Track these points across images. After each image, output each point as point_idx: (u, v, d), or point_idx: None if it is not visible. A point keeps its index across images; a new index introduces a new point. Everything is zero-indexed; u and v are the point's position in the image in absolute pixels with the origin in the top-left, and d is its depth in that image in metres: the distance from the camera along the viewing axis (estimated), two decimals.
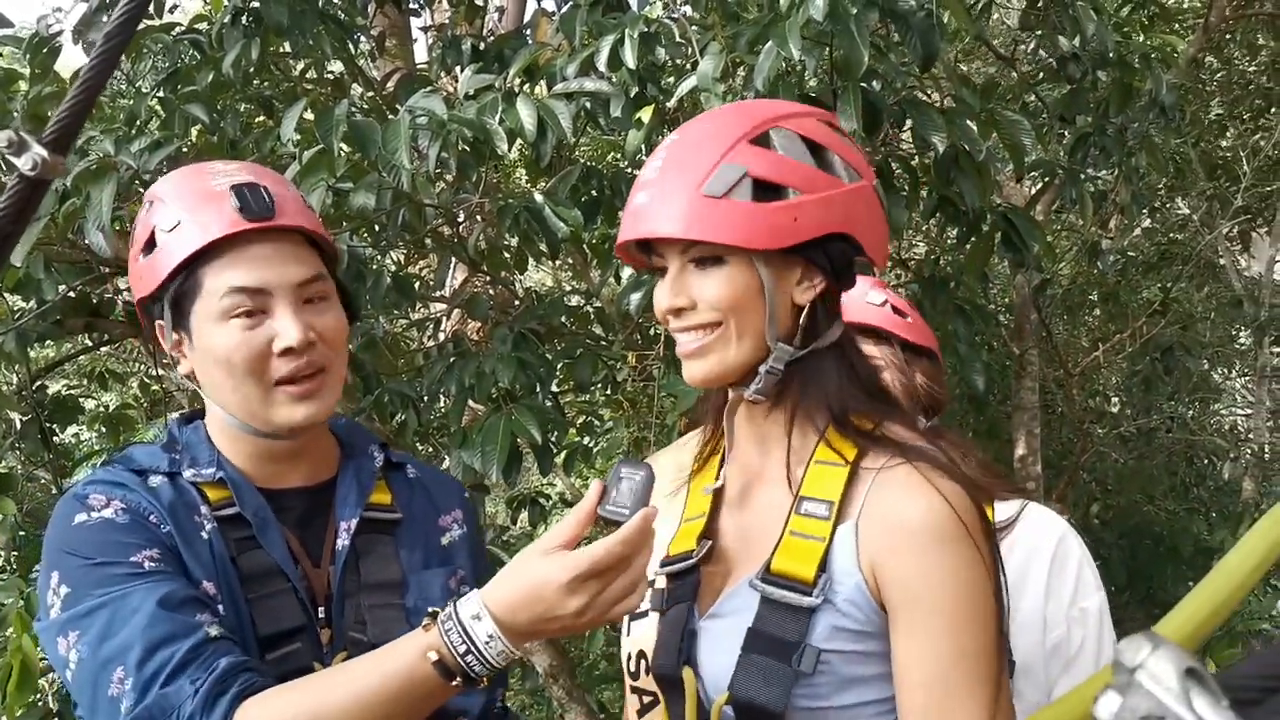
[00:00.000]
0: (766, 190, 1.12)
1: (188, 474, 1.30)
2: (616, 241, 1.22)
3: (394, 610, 1.32)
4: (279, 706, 1.12)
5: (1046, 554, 1.55)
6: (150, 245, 1.28)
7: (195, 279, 1.26)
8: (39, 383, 3.41)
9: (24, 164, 0.71)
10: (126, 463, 1.31)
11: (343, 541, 1.33)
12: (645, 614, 1.23)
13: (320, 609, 1.30)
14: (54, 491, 3.46)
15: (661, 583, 1.23)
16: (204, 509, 1.28)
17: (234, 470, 1.32)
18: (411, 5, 3.97)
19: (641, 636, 1.23)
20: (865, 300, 1.63)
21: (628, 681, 1.24)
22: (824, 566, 1.11)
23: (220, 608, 1.22)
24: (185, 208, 1.26)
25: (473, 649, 1.08)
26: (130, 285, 1.35)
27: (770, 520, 1.18)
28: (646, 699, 1.22)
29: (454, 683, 1.09)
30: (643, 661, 1.22)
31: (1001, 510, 1.51)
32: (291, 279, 1.28)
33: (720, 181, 1.12)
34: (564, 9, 3.06)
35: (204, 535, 1.26)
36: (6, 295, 3.04)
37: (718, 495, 1.26)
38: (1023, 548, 1.56)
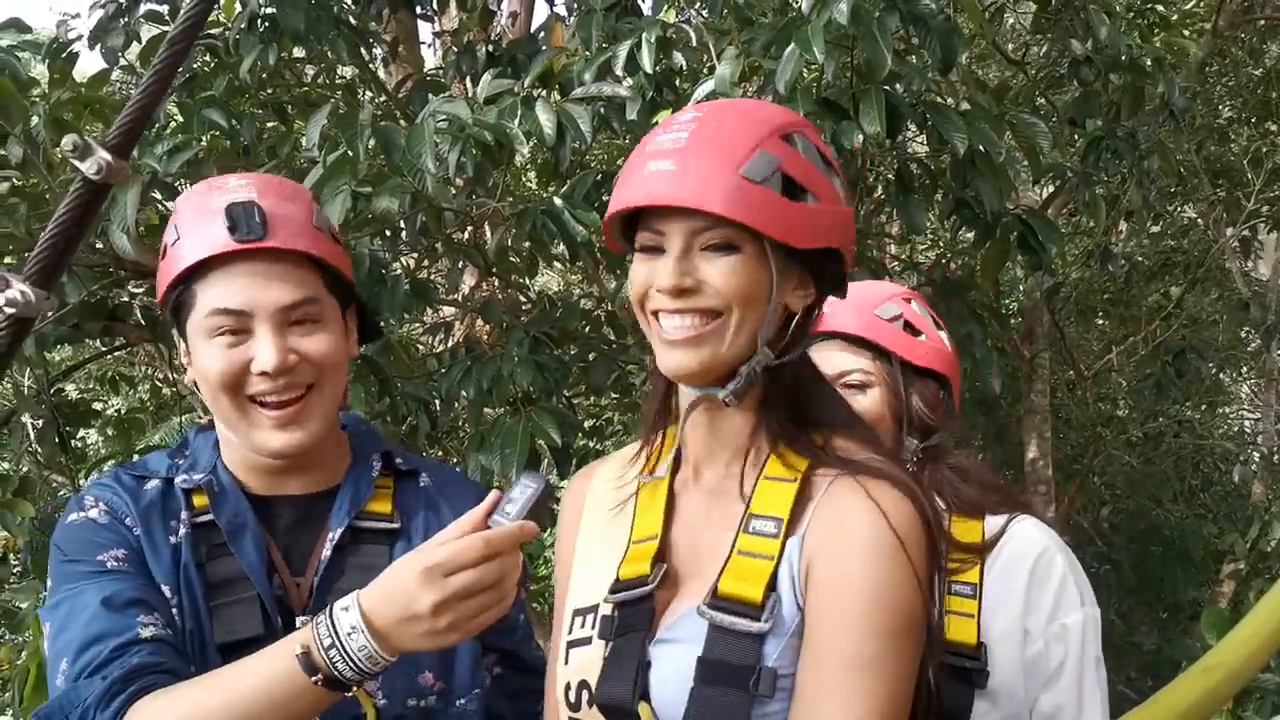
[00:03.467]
0: (793, 189, 1.09)
1: (180, 479, 1.31)
2: (614, 207, 1.14)
3: None
4: (165, 704, 1.11)
5: (1026, 566, 1.49)
6: (165, 253, 1.31)
7: (190, 294, 1.27)
8: (55, 386, 3.41)
9: (88, 168, 0.72)
10: (134, 468, 1.35)
11: (326, 552, 1.31)
12: (587, 640, 1.16)
13: (298, 619, 1.27)
14: (70, 495, 3.47)
15: (607, 609, 1.15)
16: (184, 515, 1.29)
17: (229, 476, 1.33)
18: (423, 10, 3.98)
19: (583, 665, 1.15)
20: (874, 313, 1.58)
21: (564, 713, 1.16)
22: (773, 585, 1.06)
23: (175, 612, 1.24)
24: (185, 223, 1.28)
25: (336, 643, 1.06)
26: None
27: (719, 538, 1.12)
28: None
29: (316, 680, 1.06)
30: (585, 691, 1.14)
31: (994, 524, 1.49)
32: (276, 301, 1.26)
33: (758, 168, 1.08)
34: (578, 14, 3.07)
35: (173, 540, 1.28)
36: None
37: (668, 512, 1.19)
38: (1004, 558, 1.51)
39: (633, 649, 1.10)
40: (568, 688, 1.15)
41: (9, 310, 0.72)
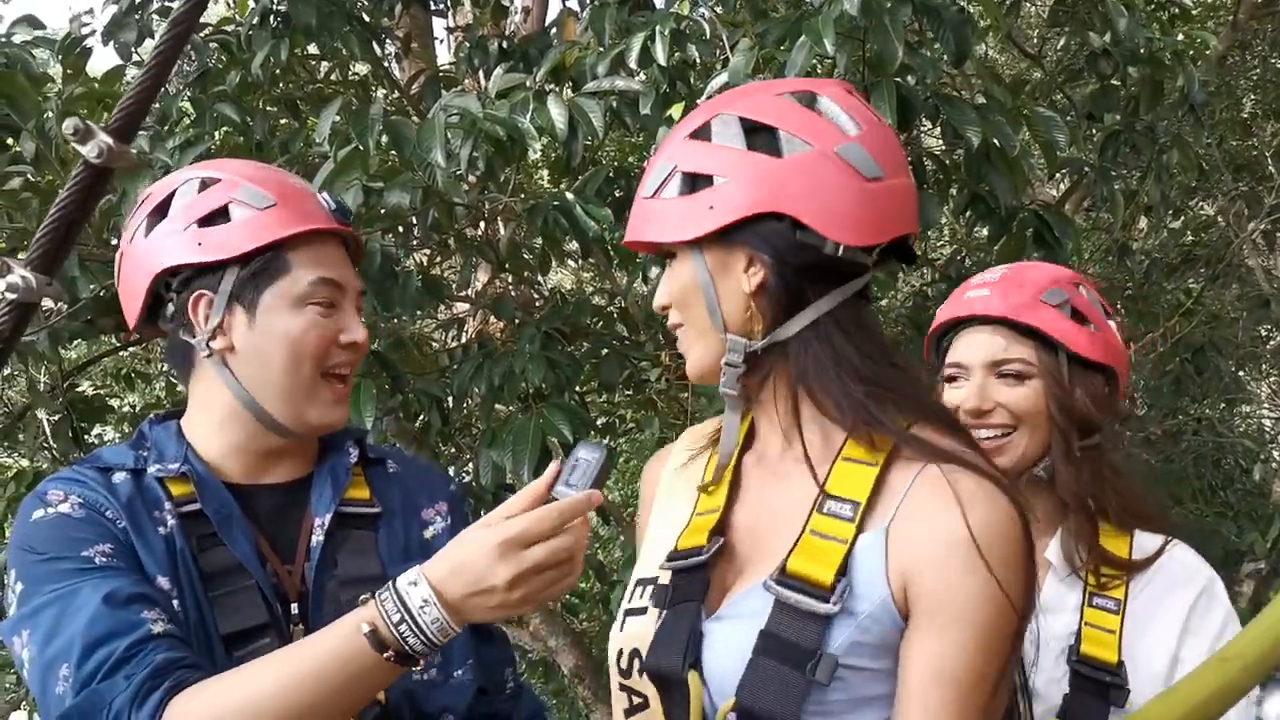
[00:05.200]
0: (696, 182, 1.10)
1: (152, 469, 1.29)
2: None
3: None
4: (211, 696, 1.09)
5: (1191, 593, 1.44)
6: (220, 216, 1.29)
7: (281, 260, 1.29)
8: (69, 382, 3.43)
9: (89, 152, 0.71)
10: (93, 461, 1.30)
11: (317, 538, 1.32)
12: (643, 610, 1.16)
13: (294, 606, 1.28)
14: None
15: (665, 578, 1.16)
16: (166, 505, 1.26)
17: (202, 466, 1.31)
18: (436, 6, 3.98)
19: (636, 633, 1.15)
20: (1040, 297, 1.49)
21: (615, 679, 1.16)
22: (844, 571, 1.04)
23: (175, 603, 1.21)
24: (277, 193, 1.31)
25: (406, 618, 1.05)
26: (139, 258, 1.32)
27: (789, 517, 1.11)
28: (637, 699, 1.14)
29: (387, 656, 1.05)
30: (635, 660, 1.14)
31: (1148, 542, 1.45)
32: (356, 284, 1.37)
33: (652, 181, 1.14)
34: (591, 7, 3.06)
35: (162, 530, 1.25)
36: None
37: (733, 488, 1.19)
38: (1162, 580, 1.45)
39: (685, 618, 1.10)
40: (620, 654, 1.16)
41: (10, 296, 0.71)
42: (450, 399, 3.16)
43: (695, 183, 1.10)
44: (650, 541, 1.24)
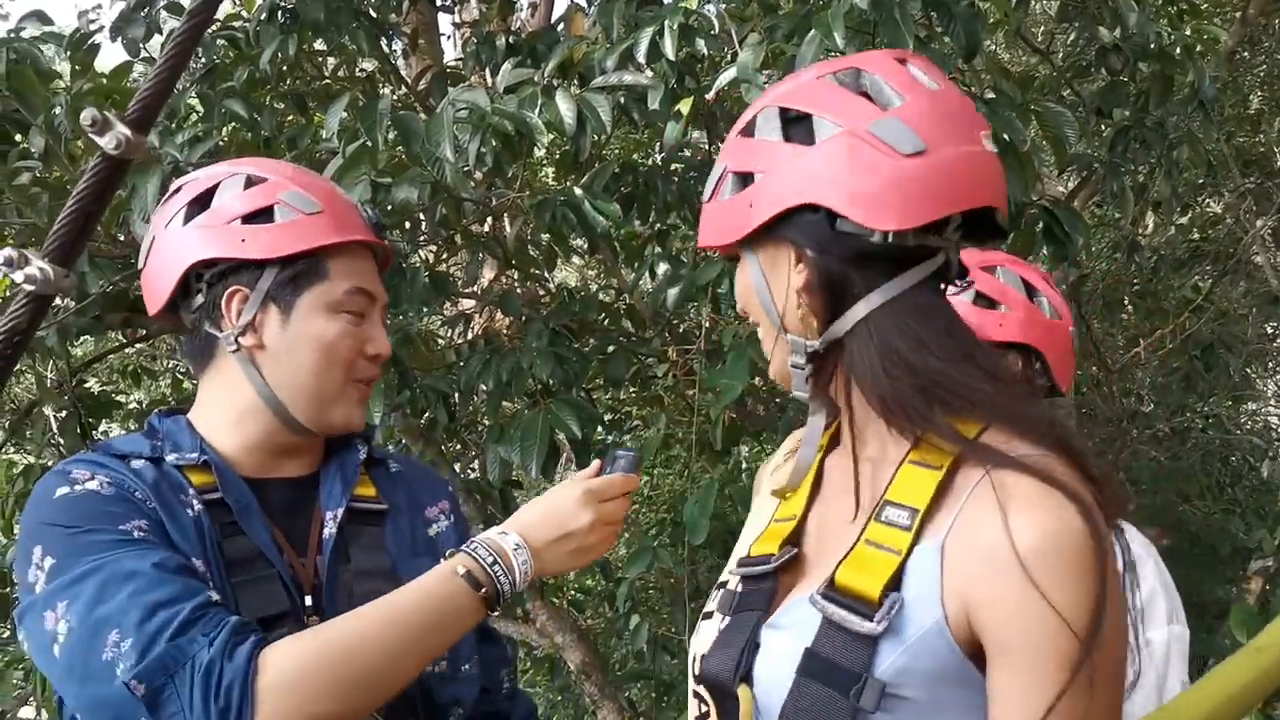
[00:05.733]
0: (745, 181, 1.07)
1: (171, 458, 1.29)
2: None
3: None
4: (304, 644, 1.10)
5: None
6: (264, 216, 1.30)
7: (321, 266, 1.32)
8: (77, 378, 3.43)
9: (107, 143, 0.70)
10: (108, 449, 1.29)
11: (329, 530, 1.34)
12: (711, 615, 1.14)
13: (308, 598, 1.29)
14: None
15: (733, 584, 1.12)
16: (190, 490, 1.27)
17: (217, 458, 1.32)
18: (443, 2, 3.98)
19: (704, 638, 1.13)
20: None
21: (690, 684, 1.14)
22: (895, 585, 0.94)
23: (210, 585, 1.19)
24: (324, 200, 1.34)
25: (498, 560, 1.19)
26: (176, 246, 1.31)
27: (852, 525, 1.04)
28: (704, 707, 1.11)
29: (482, 593, 1.17)
30: (699, 664, 1.12)
31: None
32: (384, 296, 1.41)
33: (710, 184, 1.12)
34: (599, 2, 3.05)
35: (191, 513, 1.24)
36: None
37: (814, 492, 1.13)
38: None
39: (743, 628, 1.05)
40: (693, 659, 1.14)
41: (28, 287, 0.70)
42: (457, 395, 3.16)
43: (744, 182, 1.07)
44: (739, 544, 1.21)
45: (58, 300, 3.08)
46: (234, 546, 1.26)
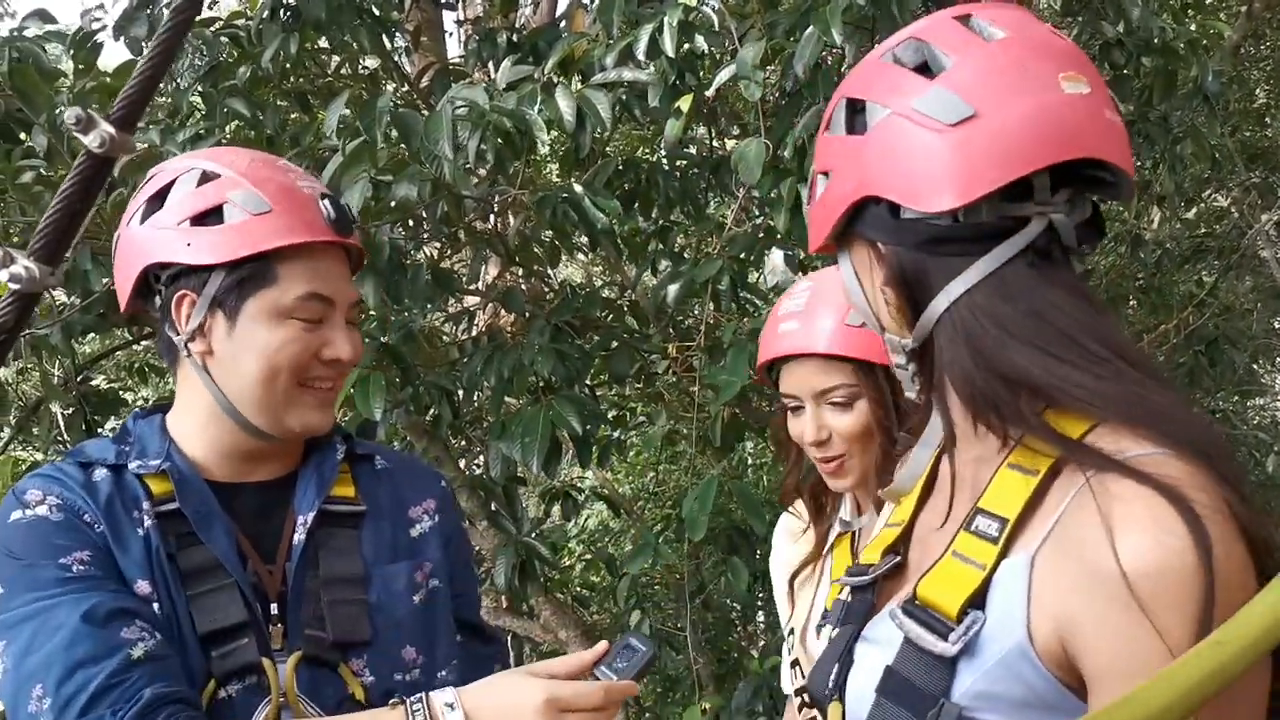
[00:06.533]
0: (826, 180, 1.01)
1: (133, 465, 1.27)
2: None
3: (356, 606, 1.29)
4: None
5: None
6: (213, 216, 1.24)
7: (269, 270, 1.24)
8: (83, 376, 3.44)
9: (92, 141, 0.71)
10: (77, 455, 1.28)
11: (299, 537, 1.30)
12: (822, 624, 1.10)
13: (273, 605, 1.27)
14: None
15: (843, 593, 1.07)
16: (145, 504, 1.24)
17: (185, 463, 1.29)
18: None
19: (816, 649, 1.15)
20: (845, 322, 1.49)
21: (802, 692, 1.16)
22: (978, 602, 0.86)
23: (156, 606, 1.19)
24: (275, 198, 1.25)
25: None
26: (132, 246, 1.28)
27: (946, 533, 0.96)
28: (814, 713, 1.12)
29: None
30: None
31: None
32: (350, 297, 1.32)
33: (810, 188, 1.07)
34: None
35: (140, 531, 1.23)
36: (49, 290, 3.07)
37: (924, 496, 1.07)
38: None
39: (842, 641, 1.01)
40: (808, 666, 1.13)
41: (13, 286, 0.71)
42: (460, 392, 3.17)
43: (826, 181, 1.02)
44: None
45: (63, 299, 3.10)
46: (190, 558, 1.23)
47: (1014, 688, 0.83)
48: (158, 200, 1.27)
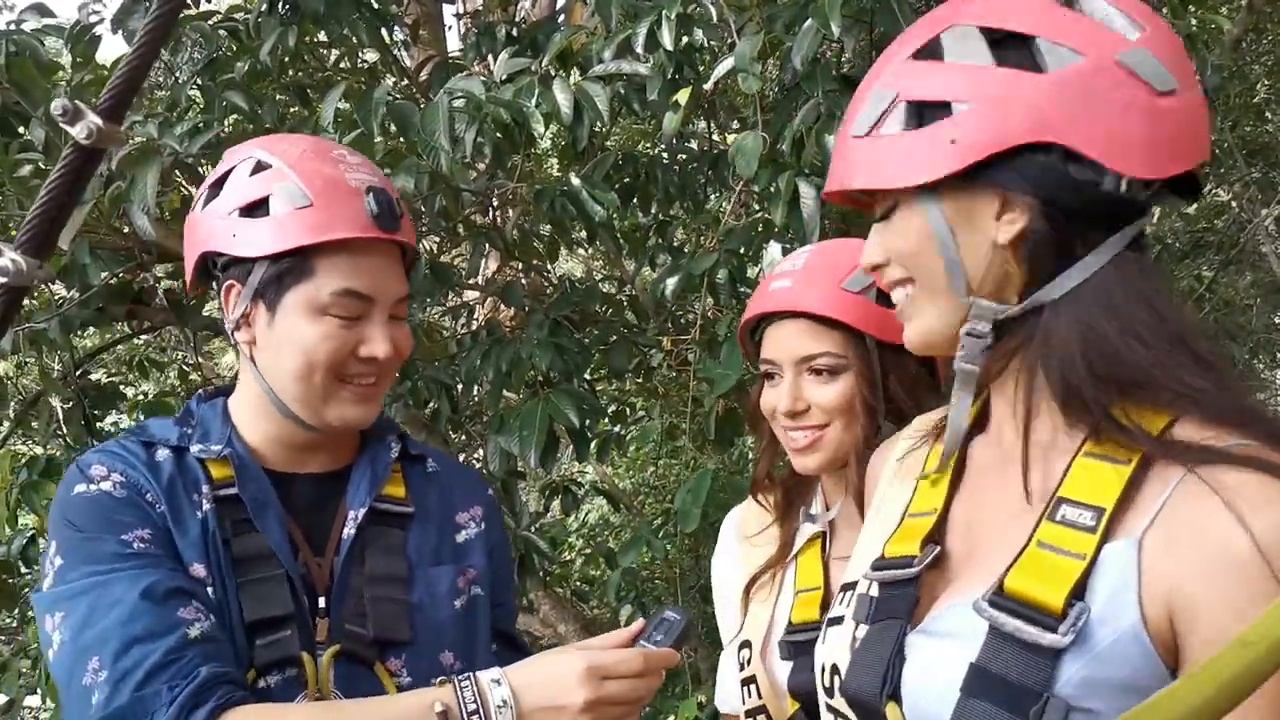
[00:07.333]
0: (925, 113, 0.90)
1: (195, 449, 1.29)
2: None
3: (397, 605, 1.30)
4: (264, 718, 1.10)
5: None
6: (259, 208, 1.25)
7: (308, 265, 1.25)
8: (82, 369, 3.45)
9: (78, 132, 0.71)
10: (140, 434, 1.30)
11: (348, 531, 1.31)
12: (841, 620, 1.04)
13: (321, 599, 1.28)
14: None
15: (866, 587, 1.02)
16: (205, 487, 1.26)
17: (245, 450, 1.31)
18: None
19: (834, 646, 1.04)
20: (842, 285, 1.41)
21: (822, 698, 1.06)
22: (1080, 593, 0.84)
23: (210, 590, 1.21)
24: (318, 192, 1.25)
25: (480, 710, 1.11)
26: (194, 231, 1.31)
27: (1014, 522, 0.93)
28: None
29: None
30: (835, 677, 1.02)
31: None
32: (393, 294, 1.30)
33: (865, 117, 0.93)
34: None
35: (199, 514, 1.24)
36: (48, 284, 3.08)
37: (955, 482, 1.01)
38: None
39: (888, 639, 0.95)
40: (823, 669, 1.05)
41: (1, 280, 0.71)
42: (459, 386, 3.17)
43: (924, 113, 0.90)
44: (863, 542, 1.11)
45: (62, 293, 3.10)
46: (244, 545, 1.25)
47: (1121, 670, 0.82)
48: (217, 187, 1.30)
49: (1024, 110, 0.86)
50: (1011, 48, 0.89)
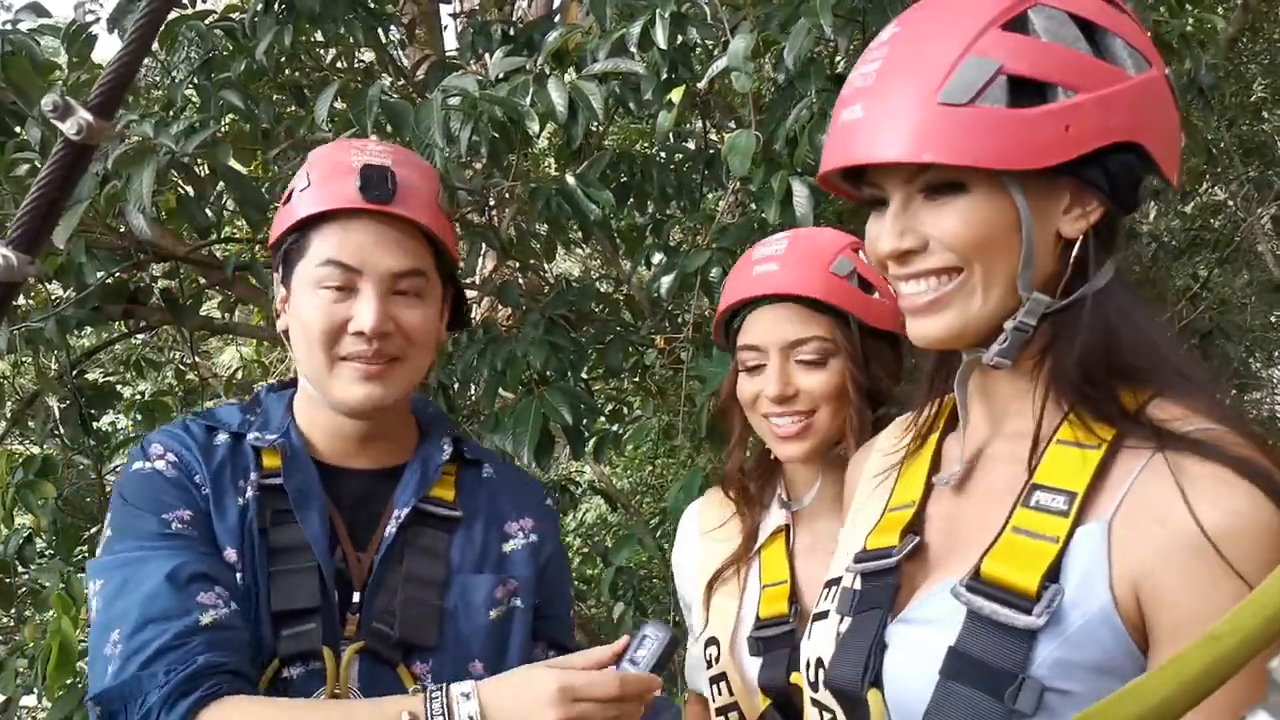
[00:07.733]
0: (1027, 91, 0.86)
1: (251, 436, 1.31)
2: (819, 171, 0.97)
3: (428, 609, 1.29)
4: (245, 712, 1.12)
5: None
6: (288, 199, 1.33)
7: (305, 241, 1.30)
8: (78, 369, 3.45)
9: (69, 128, 0.71)
10: (207, 418, 1.34)
11: (389, 530, 1.31)
12: (825, 615, 1.06)
13: (355, 595, 1.28)
14: (93, 477, 3.51)
15: (849, 581, 1.03)
16: (252, 475, 1.28)
17: (300, 440, 1.32)
18: None
19: (819, 641, 1.05)
20: (830, 269, 1.40)
21: (807, 692, 1.07)
22: (1053, 576, 0.85)
23: (239, 577, 1.22)
24: (318, 173, 1.31)
25: None
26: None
27: (989, 510, 0.95)
28: (827, 715, 1.03)
29: None
30: (821, 670, 1.03)
31: None
32: (388, 266, 1.28)
33: (963, 84, 0.85)
34: None
35: (240, 501, 1.26)
36: (44, 283, 3.09)
37: (931, 478, 1.04)
38: None
39: (868, 628, 0.97)
40: (808, 664, 1.06)
41: None
42: (455, 384, 3.17)
43: (1026, 92, 0.86)
44: (844, 540, 1.13)
45: (58, 292, 3.10)
46: (281, 535, 1.26)
47: (1093, 653, 0.84)
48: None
49: (1125, 109, 0.87)
50: (1098, 41, 0.89)
